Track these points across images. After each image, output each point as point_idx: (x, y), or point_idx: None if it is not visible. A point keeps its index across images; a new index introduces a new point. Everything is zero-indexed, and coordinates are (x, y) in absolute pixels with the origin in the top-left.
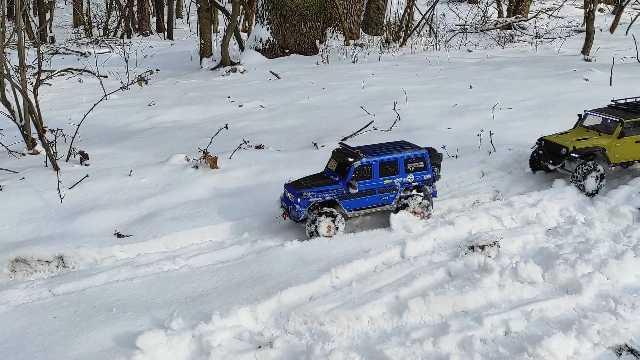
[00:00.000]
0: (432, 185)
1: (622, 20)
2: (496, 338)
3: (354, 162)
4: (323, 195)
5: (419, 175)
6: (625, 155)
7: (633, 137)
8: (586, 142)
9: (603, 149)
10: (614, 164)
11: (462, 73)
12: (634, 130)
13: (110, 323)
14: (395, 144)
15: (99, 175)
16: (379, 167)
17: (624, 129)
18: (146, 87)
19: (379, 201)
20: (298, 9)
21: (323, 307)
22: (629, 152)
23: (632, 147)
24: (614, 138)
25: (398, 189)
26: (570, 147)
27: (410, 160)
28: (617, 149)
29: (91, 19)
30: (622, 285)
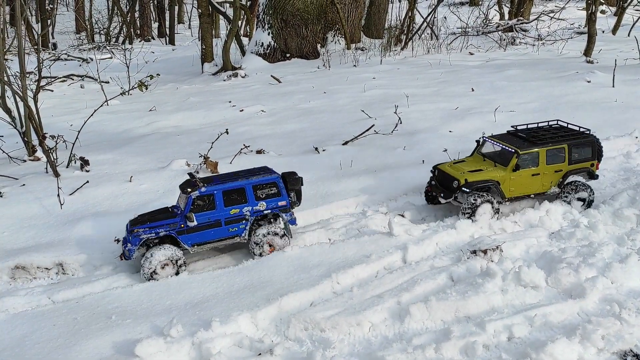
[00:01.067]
0: (290, 212)
1: (624, 21)
2: (499, 344)
3: (191, 193)
4: (157, 231)
5: (272, 202)
6: (521, 189)
7: (529, 170)
8: (479, 175)
9: (497, 182)
10: (509, 198)
11: (463, 76)
12: (531, 162)
13: (110, 330)
14: (250, 171)
15: (99, 182)
16: (223, 196)
17: (519, 162)
18: (148, 92)
19: (226, 233)
20: (299, 13)
21: (324, 313)
22: (524, 186)
23: (528, 180)
24: (509, 170)
25: (248, 218)
26: (462, 179)
27: (260, 186)
28: (512, 182)
29: (93, 25)
30: (627, 289)
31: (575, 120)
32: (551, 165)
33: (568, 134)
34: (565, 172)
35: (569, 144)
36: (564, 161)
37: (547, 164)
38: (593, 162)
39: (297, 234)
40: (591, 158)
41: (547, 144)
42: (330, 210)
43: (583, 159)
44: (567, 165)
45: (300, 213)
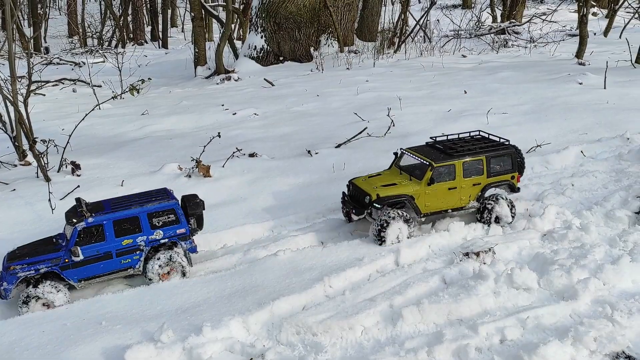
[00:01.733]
0: (190, 240)
1: (615, 23)
2: (492, 346)
3: (76, 224)
4: (37, 267)
5: (170, 230)
6: (438, 204)
7: (445, 184)
8: (392, 189)
9: (411, 197)
10: (425, 213)
11: (456, 78)
12: (447, 175)
13: (99, 336)
14: (147, 195)
15: (90, 186)
16: (114, 226)
17: (434, 175)
18: (140, 96)
19: (118, 266)
20: (292, 16)
21: (316, 317)
22: (441, 200)
23: (444, 194)
24: (423, 185)
25: (143, 248)
26: (374, 194)
27: (156, 214)
28: (427, 196)
29: (85, 29)
30: (619, 291)
31: (567, 122)
32: (469, 178)
33: (487, 145)
34: (484, 185)
35: (487, 155)
36: (482, 174)
37: (464, 177)
38: (514, 175)
39: (289, 237)
40: (511, 170)
41: (464, 156)
42: (322, 213)
43: (503, 171)
44: (486, 178)
45: (292, 216)
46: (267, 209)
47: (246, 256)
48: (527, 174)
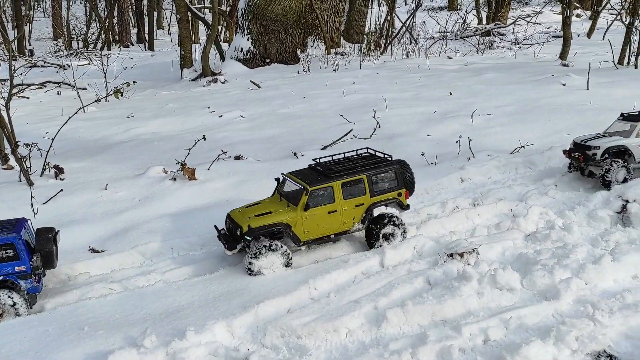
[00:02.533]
0: (31, 279)
1: (598, 25)
2: (475, 347)
3: None
4: None
5: (6, 267)
6: (319, 230)
7: (325, 207)
8: (265, 219)
9: (287, 225)
10: (305, 241)
11: (442, 80)
12: (326, 198)
13: (81, 342)
14: None
15: (74, 190)
16: None
17: (310, 199)
18: (125, 98)
19: None
20: (278, 18)
21: (301, 320)
22: (322, 226)
23: (324, 219)
24: (299, 210)
25: None
26: (245, 226)
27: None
28: (306, 223)
29: (70, 31)
30: (600, 290)
31: (550, 122)
32: (350, 199)
33: (368, 163)
34: (368, 205)
35: (367, 174)
36: (365, 193)
37: (344, 199)
38: (400, 191)
39: None
40: (397, 187)
41: (342, 176)
42: None
43: (388, 189)
44: (370, 198)
45: None
46: None
47: (231, 259)
48: (511, 175)
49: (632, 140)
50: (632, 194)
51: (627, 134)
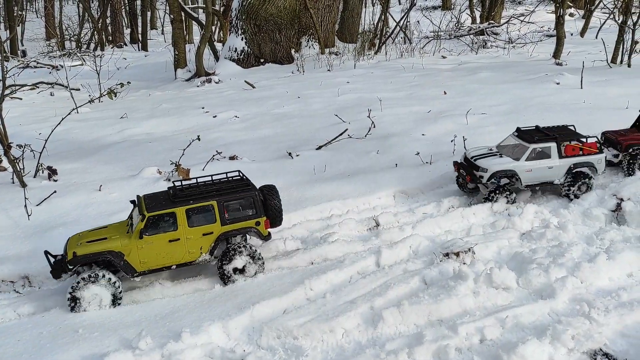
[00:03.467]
0: None
1: (592, 24)
2: (471, 346)
3: None
4: None
5: None
6: (158, 260)
7: (165, 235)
8: (94, 246)
9: (119, 254)
10: (142, 272)
11: (436, 79)
12: (168, 225)
13: (76, 345)
14: None
15: (67, 191)
16: None
17: (147, 226)
18: (119, 99)
19: None
20: (272, 18)
21: (297, 321)
22: (162, 255)
23: (165, 248)
24: (134, 238)
25: None
26: (70, 253)
27: None
28: (142, 251)
29: (63, 32)
30: (596, 289)
31: (544, 121)
32: (197, 227)
33: (222, 188)
34: (219, 234)
35: (218, 200)
36: (215, 221)
37: (190, 227)
38: (259, 220)
39: (269, 242)
40: (256, 215)
41: (187, 202)
42: (303, 215)
43: (244, 218)
44: (220, 227)
45: None
46: None
47: None
48: None
49: (522, 163)
50: (626, 192)
51: (518, 154)
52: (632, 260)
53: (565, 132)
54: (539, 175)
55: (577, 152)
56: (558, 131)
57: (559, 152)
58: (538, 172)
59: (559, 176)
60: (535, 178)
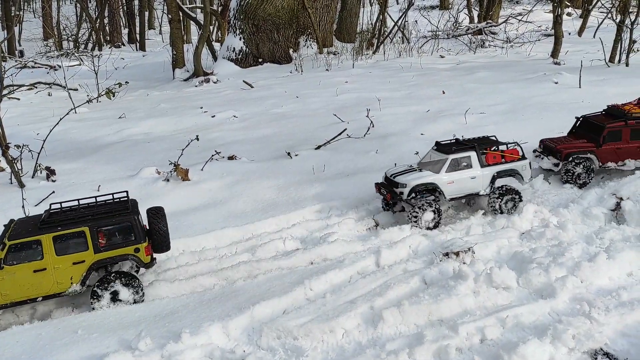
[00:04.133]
0: None
1: (589, 23)
2: (472, 346)
3: None
4: None
5: None
6: (21, 291)
7: (29, 265)
8: None
9: None
10: (3, 305)
11: (434, 79)
12: (31, 254)
13: (75, 346)
14: None
15: (65, 191)
16: None
17: (9, 254)
18: (117, 99)
19: None
20: (270, 18)
21: (297, 321)
22: (26, 287)
23: (29, 279)
24: None
25: None
26: None
27: None
28: (2, 283)
29: (61, 32)
30: (596, 288)
31: (542, 121)
32: (66, 255)
33: (96, 212)
34: (92, 263)
35: (90, 226)
36: (87, 249)
37: (58, 255)
38: (139, 247)
39: (265, 243)
40: (135, 241)
41: (55, 228)
42: (302, 215)
43: (121, 244)
44: (94, 254)
45: (272, 219)
46: (247, 212)
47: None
48: None
49: (442, 176)
50: (625, 191)
51: (438, 167)
52: (632, 259)
53: (485, 142)
54: (462, 186)
55: (499, 160)
56: (478, 141)
57: (480, 161)
58: (460, 184)
59: (484, 186)
60: (459, 190)
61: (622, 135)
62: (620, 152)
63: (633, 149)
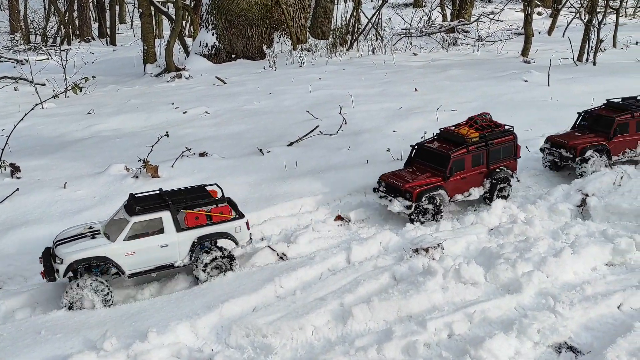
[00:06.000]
0: None
1: (559, 23)
2: (440, 342)
3: None
4: None
5: None
6: None
7: None
8: None
9: None
10: None
11: (407, 76)
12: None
13: (38, 346)
14: None
15: (31, 189)
16: None
17: None
18: (86, 94)
19: None
20: (243, 13)
21: (266, 319)
22: None
23: None
24: None
25: None
26: None
27: None
28: None
29: (28, 25)
30: (561, 283)
31: (512, 118)
32: None
33: None
34: None
35: None
36: None
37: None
38: None
39: None
40: None
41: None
42: (274, 212)
43: None
44: None
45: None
46: None
47: None
48: None
49: (120, 245)
50: (591, 187)
51: (116, 235)
52: (596, 254)
53: (190, 196)
54: (149, 257)
55: (203, 222)
56: (179, 196)
57: (176, 224)
58: (146, 255)
59: (181, 256)
60: (143, 262)
61: None
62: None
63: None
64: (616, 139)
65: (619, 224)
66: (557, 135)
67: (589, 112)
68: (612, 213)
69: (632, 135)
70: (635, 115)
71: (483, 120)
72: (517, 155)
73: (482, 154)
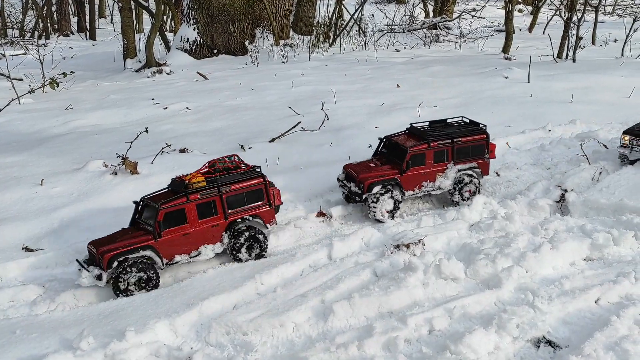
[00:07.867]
0: None
1: (539, 20)
2: (420, 337)
3: None
4: None
5: None
6: None
7: None
8: None
9: None
10: None
11: (390, 72)
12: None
13: (13, 347)
14: None
15: (6, 185)
16: None
17: None
18: (64, 90)
19: None
20: (225, 8)
21: (246, 316)
22: None
23: None
24: None
25: None
26: None
27: None
28: None
29: (5, 19)
30: (540, 278)
31: (493, 114)
32: None
33: None
34: None
35: None
36: None
37: None
38: None
39: None
40: None
41: None
42: None
43: None
44: None
45: None
46: None
47: None
48: None
49: None
50: (570, 183)
51: None
52: (575, 249)
53: None
54: None
55: None
56: None
57: None
58: None
59: None
60: None
61: None
62: None
63: None
64: (409, 172)
65: (597, 219)
66: (352, 165)
67: (388, 139)
68: (590, 208)
69: (428, 168)
70: (432, 146)
71: (224, 163)
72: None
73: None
